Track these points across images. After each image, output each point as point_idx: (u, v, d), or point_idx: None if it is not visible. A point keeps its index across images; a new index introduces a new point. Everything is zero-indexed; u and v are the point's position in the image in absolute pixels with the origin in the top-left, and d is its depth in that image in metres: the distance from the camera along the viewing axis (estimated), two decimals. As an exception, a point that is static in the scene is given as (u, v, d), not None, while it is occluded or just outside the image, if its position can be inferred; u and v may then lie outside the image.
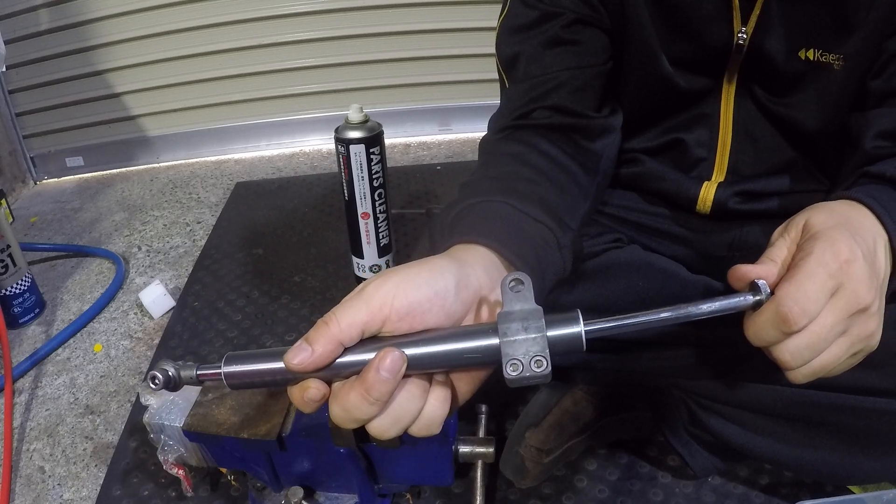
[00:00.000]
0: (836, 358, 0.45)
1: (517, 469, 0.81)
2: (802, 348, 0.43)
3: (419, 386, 0.41)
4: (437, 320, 0.41)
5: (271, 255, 1.40)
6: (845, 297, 0.43)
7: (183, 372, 0.42)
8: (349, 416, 0.40)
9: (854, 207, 0.49)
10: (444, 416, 0.42)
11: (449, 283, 0.42)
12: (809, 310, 0.42)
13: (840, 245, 0.43)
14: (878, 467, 0.65)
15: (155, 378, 0.41)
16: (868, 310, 0.44)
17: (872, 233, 0.47)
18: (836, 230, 0.44)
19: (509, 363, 0.39)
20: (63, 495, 0.90)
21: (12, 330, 1.20)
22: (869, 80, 0.61)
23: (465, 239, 0.49)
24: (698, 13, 0.63)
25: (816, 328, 0.43)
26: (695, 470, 0.79)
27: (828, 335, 0.43)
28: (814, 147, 0.68)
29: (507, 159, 0.61)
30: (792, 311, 0.42)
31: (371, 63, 1.84)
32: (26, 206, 1.77)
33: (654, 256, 0.70)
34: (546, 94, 0.65)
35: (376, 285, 0.41)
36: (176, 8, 1.72)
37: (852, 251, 0.43)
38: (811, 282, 0.42)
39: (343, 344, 0.40)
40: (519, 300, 0.41)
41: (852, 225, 0.46)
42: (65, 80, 1.79)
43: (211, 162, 1.91)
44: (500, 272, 0.47)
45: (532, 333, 0.39)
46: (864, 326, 0.45)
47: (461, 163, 1.78)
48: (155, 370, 0.41)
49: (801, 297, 0.42)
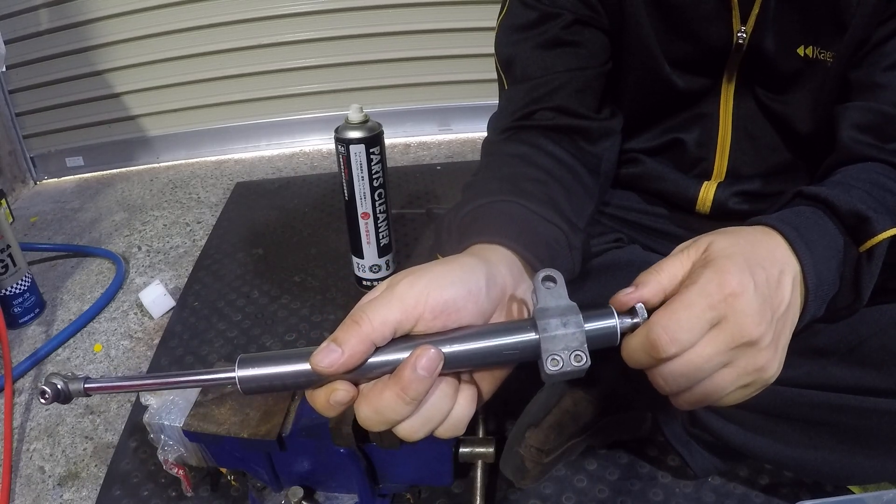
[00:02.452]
0: (720, 388, 0.43)
1: (517, 469, 0.81)
2: (677, 375, 0.42)
3: (451, 385, 0.40)
4: (470, 318, 0.41)
5: (271, 255, 1.40)
6: (728, 329, 0.41)
7: (71, 385, 0.40)
8: (381, 417, 0.38)
9: (767, 234, 0.47)
10: (470, 416, 0.41)
11: (481, 281, 0.42)
12: (680, 339, 0.41)
13: (729, 276, 0.41)
14: (878, 467, 0.65)
15: (44, 393, 0.40)
16: (757, 344, 0.42)
17: (780, 263, 0.45)
18: (731, 259, 0.43)
19: (550, 358, 0.39)
20: (63, 495, 0.90)
21: (12, 330, 1.20)
22: (850, 72, 0.61)
23: (483, 239, 0.49)
24: (697, 13, 0.63)
25: (693, 357, 0.41)
26: (695, 470, 0.79)
27: (704, 365, 0.41)
28: (810, 147, 0.68)
29: (512, 160, 0.61)
30: (661, 338, 0.41)
31: (371, 63, 1.84)
32: (26, 206, 1.77)
33: (654, 256, 0.70)
34: (547, 95, 0.65)
35: (409, 283, 0.40)
36: (176, 8, 1.72)
37: (741, 283, 0.41)
38: (687, 311, 0.41)
39: (375, 344, 0.38)
40: (553, 297, 0.41)
41: (757, 254, 0.44)
42: (65, 80, 1.78)
43: (211, 162, 1.91)
44: (519, 271, 0.48)
45: (571, 329, 0.40)
46: (752, 360, 0.42)
47: (461, 163, 1.78)
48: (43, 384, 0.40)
49: (671, 326, 0.41)
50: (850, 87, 0.61)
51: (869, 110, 0.57)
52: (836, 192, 0.50)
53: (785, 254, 0.46)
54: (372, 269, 1.22)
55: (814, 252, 0.46)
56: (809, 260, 0.46)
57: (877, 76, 0.58)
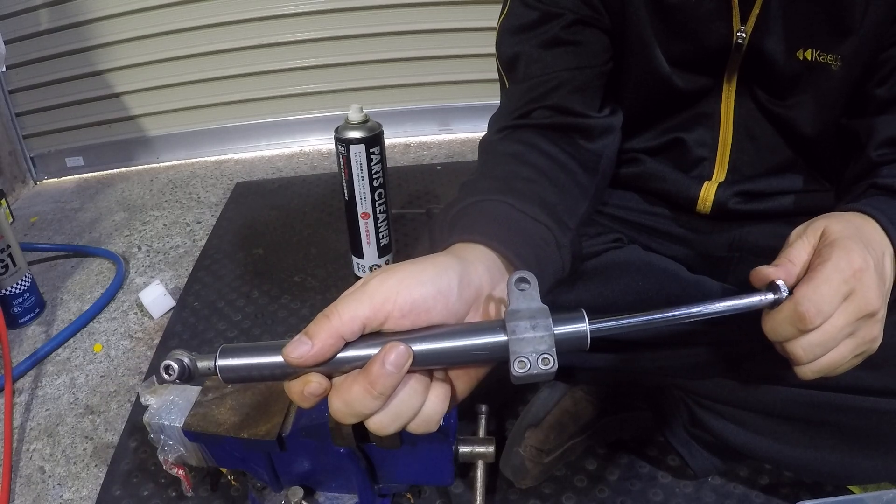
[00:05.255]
0: (843, 357, 0.48)
1: (517, 469, 0.81)
2: (815, 345, 0.46)
3: (421, 382, 0.41)
4: (440, 318, 0.41)
5: (271, 255, 1.40)
6: (856, 301, 0.46)
7: (199, 363, 0.41)
8: (350, 410, 0.39)
9: (864, 219, 0.51)
10: (442, 414, 0.42)
11: (452, 281, 0.42)
12: (824, 310, 0.45)
13: (854, 254, 0.46)
14: (878, 467, 0.65)
15: (169, 368, 0.40)
16: (875, 315, 0.47)
17: (881, 244, 0.50)
18: (852, 240, 0.47)
19: (517, 360, 0.39)
20: (63, 495, 0.90)
21: (12, 330, 1.20)
22: (872, 88, 0.62)
23: (464, 237, 0.49)
24: (697, 13, 0.63)
25: (828, 328, 0.46)
26: (695, 470, 0.79)
27: (837, 335, 0.46)
28: (812, 148, 0.68)
29: (506, 159, 0.61)
30: (809, 311, 0.45)
31: (371, 63, 1.84)
32: (26, 206, 1.77)
33: (653, 256, 0.70)
34: (546, 94, 0.65)
35: (379, 280, 0.41)
36: (176, 8, 1.72)
37: (865, 260, 0.46)
38: (827, 285, 0.45)
39: (344, 338, 0.39)
40: (525, 299, 0.41)
41: (864, 236, 0.49)
42: (65, 80, 1.79)
43: (211, 162, 1.91)
44: (500, 271, 0.47)
45: (540, 332, 0.40)
46: (870, 330, 0.48)
47: (461, 163, 1.78)
48: (169, 359, 0.40)
49: (817, 299, 0.45)
50: (872, 101, 0.62)
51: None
52: None
53: (882, 236, 0.51)
54: (372, 269, 1.22)
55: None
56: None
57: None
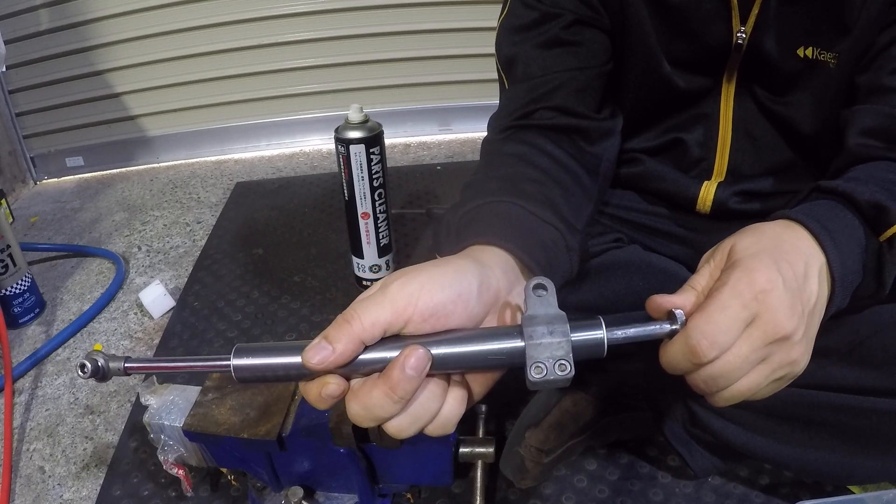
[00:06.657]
0: (756, 384, 0.44)
1: (517, 469, 0.81)
2: (716, 377, 0.42)
3: (439, 385, 0.41)
4: (460, 322, 0.41)
5: (271, 255, 1.40)
6: (761, 326, 0.42)
7: (111, 363, 0.41)
8: (369, 414, 0.39)
9: (790, 228, 0.47)
10: (460, 416, 0.42)
11: (472, 285, 0.42)
12: (720, 341, 0.41)
13: (758, 273, 0.42)
14: (878, 467, 0.65)
15: (83, 367, 0.41)
16: (790, 338, 0.43)
17: (805, 256, 0.45)
18: (757, 258, 0.43)
19: (534, 366, 0.39)
20: (63, 495, 0.90)
21: (12, 330, 1.20)
22: (856, 76, 0.61)
23: (480, 240, 0.49)
24: (697, 13, 0.63)
25: (730, 358, 0.42)
26: (695, 470, 0.79)
27: (742, 365, 0.42)
28: (812, 147, 0.68)
29: (511, 160, 0.61)
30: (700, 344, 0.41)
31: (371, 63, 1.84)
32: (26, 206, 1.77)
33: (654, 256, 0.70)
34: (547, 94, 0.65)
35: (400, 284, 0.40)
36: (176, 8, 1.72)
37: (770, 280, 0.42)
38: (723, 314, 0.41)
39: (364, 343, 0.39)
40: (542, 304, 0.41)
41: (781, 249, 0.45)
42: (65, 80, 1.78)
43: (211, 162, 1.91)
44: (515, 274, 0.47)
45: (557, 338, 0.40)
46: (786, 355, 0.43)
47: (461, 163, 1.78)
48: (84, 359, 0.41)
49: (710, 329, 0.41)
50: (856, 90, 0.60)
51: (877, 114, 0.57)
52: (852, 185, 0.51)
53: (810, 246, 0.46)
54: (372, 269, 1.22)
55: (837, 243, 0.47)
56: (834, 251, 0.46)
57: (884, 79, 0.58)
